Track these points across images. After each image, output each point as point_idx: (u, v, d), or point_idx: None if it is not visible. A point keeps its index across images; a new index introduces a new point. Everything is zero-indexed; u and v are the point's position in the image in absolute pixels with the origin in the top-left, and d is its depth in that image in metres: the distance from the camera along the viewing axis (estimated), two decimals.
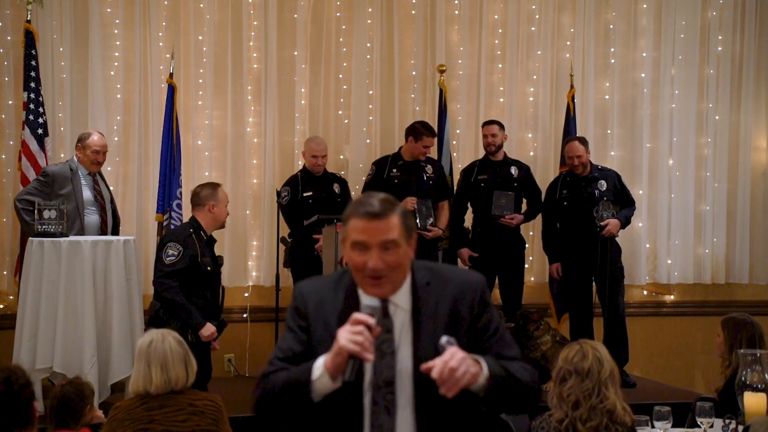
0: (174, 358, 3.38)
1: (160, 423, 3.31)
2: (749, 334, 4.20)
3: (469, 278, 2.34)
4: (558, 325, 7.00)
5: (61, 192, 5.77)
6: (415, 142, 6.54)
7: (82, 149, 5.89)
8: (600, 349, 3.10)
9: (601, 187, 6.58)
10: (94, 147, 5.88)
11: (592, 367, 3.02)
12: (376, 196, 2.27)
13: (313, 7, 7.11)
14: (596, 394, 3.00)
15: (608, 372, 3.04)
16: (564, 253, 6.65)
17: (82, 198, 5.84)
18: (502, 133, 6.74)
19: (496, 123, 6.75)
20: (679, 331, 7.66)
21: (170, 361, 3.37)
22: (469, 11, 7.35)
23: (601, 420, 2.98)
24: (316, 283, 2.39)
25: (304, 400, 2.18)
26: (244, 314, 6.93)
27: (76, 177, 5.86)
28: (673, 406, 3.59)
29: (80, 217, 5.82)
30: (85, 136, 5.94)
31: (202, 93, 6.91)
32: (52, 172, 5.84)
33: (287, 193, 6.50)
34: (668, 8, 7.61)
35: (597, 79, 7.52)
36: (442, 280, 2.30)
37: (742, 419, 3.41)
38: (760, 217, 7.81)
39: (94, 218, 5.89)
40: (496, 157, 6.75)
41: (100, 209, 5.94)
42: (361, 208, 2.24)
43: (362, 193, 2.25)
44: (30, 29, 6.29)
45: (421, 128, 6.56)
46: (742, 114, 7.76)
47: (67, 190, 5.80)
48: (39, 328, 5.28)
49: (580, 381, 3.01)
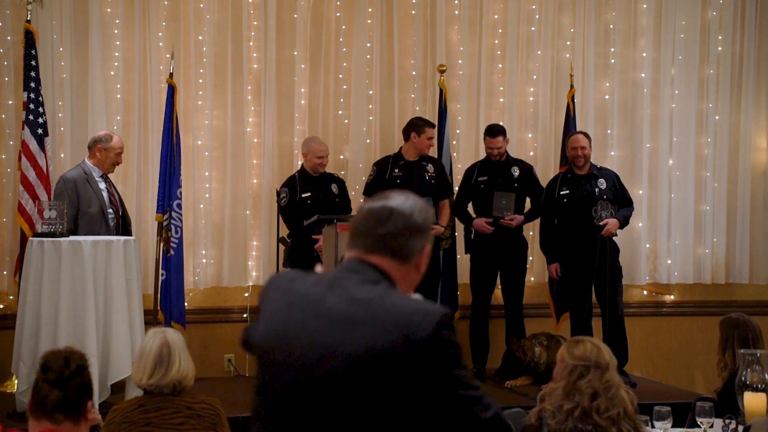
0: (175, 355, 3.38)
1: (157, 426, 3.30)
2: (742, 334, 4.20)
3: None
4: (558, 325, 7.00)
5: (83, 196, 5.80)
6: (419, 136, 6.56)
7: (104, 151, 5.93)
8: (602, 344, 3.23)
9: (601, 186, 6.59)
10: (117, 149, 5.98)
11: (611, 360, 3.13)
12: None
13: (313, 7, 7.11)
14: (615, 386, 3.08)
15: (615, 365, 3.18)
16: (563, 252, 6.66)
17: (104, 200, 5.88)
18: (506, 140, 6.74)
19: (500, 133, 6.69)
20: (679, 331, 7.66)
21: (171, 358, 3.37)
22: (469, 11, 7.35)
23: (618, 410, 3.05)
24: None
25: None
26: (244, 314, 6.93)
27: (92, 180, 5.89)
28: (673, 406, 3.60)
29: (105, 220, 5.86)
30: (106, 138, 5.97)
31: (202, 93, 6.91)
32: (71, 177, 5.87)
33: (286, 194, 6.50)
34: (668, 8, 7.61)
35: (597, 79, 7.52)
36: None
37: (742, 419, 3.41)
38: (760, 217, 7.80)
39: (113, 221, 5.94)
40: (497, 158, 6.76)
41: (115, 211, 5.97)
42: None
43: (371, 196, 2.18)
44: (30, 29, 6.29)
45: (420, 122, 6.61)
46: (742, 114, 7.76)
47: (89, 193, 5.83)
48: (39, 328, 5.28)
49: (601, 374, 3.08)
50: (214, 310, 6.95)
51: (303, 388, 1.91)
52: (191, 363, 3.46)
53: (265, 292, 2.09)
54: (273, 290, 2.07)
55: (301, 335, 1.93)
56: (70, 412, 2.53)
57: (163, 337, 3.43)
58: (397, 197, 2.03)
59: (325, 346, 1.89)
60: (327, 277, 2.01)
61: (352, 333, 1.88)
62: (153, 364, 3.37)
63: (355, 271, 1.98)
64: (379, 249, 1.99)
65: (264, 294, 2.09)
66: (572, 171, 6.68)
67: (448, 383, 1.88)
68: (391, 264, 1.99)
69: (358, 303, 1.91)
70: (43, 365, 2.56)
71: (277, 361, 1.96)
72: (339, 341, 1.88)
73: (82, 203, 5.84)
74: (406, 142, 6.68)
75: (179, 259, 6.43)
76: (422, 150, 6.63)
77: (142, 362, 3.41)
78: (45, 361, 2.57)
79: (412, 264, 2.01)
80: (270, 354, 1.99)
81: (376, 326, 1.87)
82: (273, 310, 2.02)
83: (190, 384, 3.44)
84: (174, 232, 6.37)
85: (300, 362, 1.92)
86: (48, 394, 2.52)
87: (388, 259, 1.99)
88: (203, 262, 6.87)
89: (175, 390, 3.39)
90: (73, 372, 2.53)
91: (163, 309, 6.37)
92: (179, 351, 3.41)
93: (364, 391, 1.85)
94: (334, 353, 1.88)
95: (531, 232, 7.31)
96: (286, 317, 1.98)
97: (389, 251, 1.99)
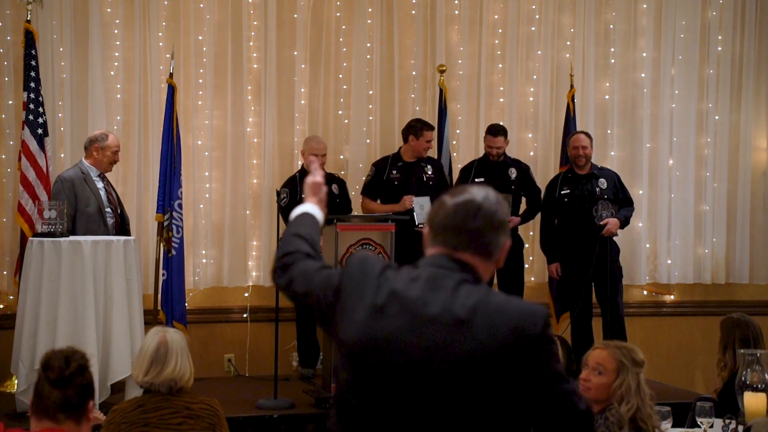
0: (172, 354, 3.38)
1: (156, 426, 3.31)
2: (742, 334, 4.20)
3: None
4: (558, 325, 7.00)
5: (81, 195, 5.80)
6: (417, 139, 6.57)
7: (101, 150, 5.92)
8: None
9: (602, 185, 6.60)
10: (113, 148, 5.98)
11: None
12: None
13: (313, 7, 7.11)
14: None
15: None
16: (563, 252, 6.66)
17: (102, 200, 5.87)
18: (507, 141, 6.75)
19: (502, 134, 6.71)
20: (679, 331, 7.66)
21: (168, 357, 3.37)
22: (469, 11, 7.35)
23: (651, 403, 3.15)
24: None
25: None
26: (244, 314, 6.93)
27: (89, 179, 5.88)
28: (673, 406, 3.59)
29: (104, 219, 5.86)
30: (102, 137, 5.96)
31: (202, 93, 6.91)
32: (69, 176, 5.86)
33: (286, 194, 6.50)
34: (668, 8, 7.61)
35: (597, 79, 7.52)
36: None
37: (742, 419, 3.41)
38: (760, 217, 7.80)
39: (111, 220, 5.93)
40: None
41: (113, 210, 5.97)
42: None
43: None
44: (30, 29, 6.28)
45: (418, 125, 6.62)
46: (742, 114, 7.76)
47: (87, 193, 5.82)
48: (39, 328, 5.27)
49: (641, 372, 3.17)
50: (214, 310, 6.95)
51: (415, 386, 1.96)
52: (190, 364, 3.45)
53: (351, 279, 2.10)
54: (361, 280, 2.09)
55: (409, 338, 1.98)
56: (71, 413, 2.52)
57: (162, 335, 3.44)
58: (479, 192, 2.08)
59: (437, 348, 1.95)
60: (422, 276, 2.04)
61: (465, 334, 1.94)
62: (149, 361, 3.38)
63: (449, 269, 2.03)
64: (468, 246, 2.05)
65: (348, 279, 2.11)
66: (573, 171, 6.69)
67: (552, 377, 1.99)
68: (478, 260, 2.06)
69: (465, 305, 1.97)
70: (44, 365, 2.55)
71: (380, 363, 2.00)
72: (451, 342, 1.95)
73: (80, 203, 5.83)
74: (405, 144, 6.69)
75: (180, 259, 6.43)
76: (420, 152, 6.64)
77: (139, 359, 3.44)
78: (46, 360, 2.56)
79: (494, 260, 2.09)
80: (369, 355, 2.02)
81: (488, 327, 1.95)
82: (369, 308, 2.04)
83: (189, 384, 3.44)
84: (175, 232, 6.36)
85: (410, 363, 1.97)
86: (49, 395, 2.51)
87: (475, 256, 2.05)
88: (203, 262, 6.86)
89: (172, 389, 3.39)
90: (73, 372, 2.52)
91: (164, 309, 6.36)
92: (177, 351, 3.41)
93: (478, 388, 1.94)
94: (447, 354, 1.94)
95: (531, 232, 7.31)
96: (389, 320, 2.01)
97: (477, 248, 2.05)
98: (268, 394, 5.77)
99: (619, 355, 3.16)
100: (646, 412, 3.08)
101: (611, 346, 3.22)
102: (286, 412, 5.61)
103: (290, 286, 2.22)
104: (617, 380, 3.12)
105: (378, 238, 5.96)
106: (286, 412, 5.61)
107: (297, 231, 2.31)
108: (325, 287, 2.13)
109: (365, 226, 6.06)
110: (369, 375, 2.02)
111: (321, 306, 2.13)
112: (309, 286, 2.17)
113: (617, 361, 3.15)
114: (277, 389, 5.73)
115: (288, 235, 2.32)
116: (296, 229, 2.32)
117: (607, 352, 3.19)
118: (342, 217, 5.95)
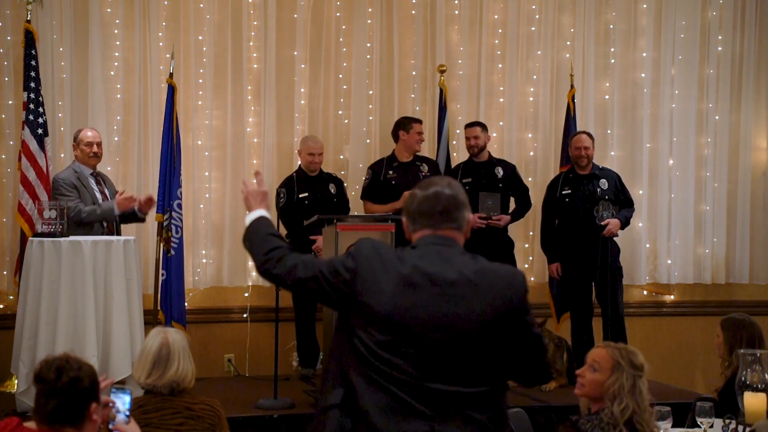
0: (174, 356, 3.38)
1: (156, 426, 3.30)
2: (749, 334, 4.20)
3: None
4: (558, 325, 7.00)
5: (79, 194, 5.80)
6: (408, 133, 6.64)
7: (77, 147, 5.93)
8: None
9: (603, 186, 6.60)
10: (86, 140, 5.90)
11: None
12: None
13: (313, 7, 7.11)
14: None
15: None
16: (563, 252, 6.65)
17: (97, 199, 5.87)
18: (485, 134, 6.76)
19: (478, 125, 6.77)
20: (679, 331, 7.66)
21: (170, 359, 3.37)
22: (469, 11, 7.35)
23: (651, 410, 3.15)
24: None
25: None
26: (244, 314, 6.93)
27: (83, 178, 5.88)
28: (673, 406, 3.59)
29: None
30: (77, 133, 5.98)
31: (202, 93, 6.91)
32: (63, 177, 5.86)
33: (283, 195, 6.50)
34: (668, 8, 7.61)
35: (597, 79, 7.52)
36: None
37: (742, 419, 3.41)
38: (760, 217, 7.80)
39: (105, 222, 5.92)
40: (479, 158, 6.77)
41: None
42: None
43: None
44: (30, 29, 6.28)
45: (405, 120, 6.74)
46: (742, 114, 7.76)
47: (82, 192, 5.82)
48: (39, 328, 5.27)
49: (643, 375, 3.17)
50: (214, 310, 6.95)
51: (446, 341, 2.45)
52: (191, 364, 3.45)
53: (366, 259, 2.51)
54: (378, 259, 2.51)
55: (437, 300, 2.46)
56: (70, 421, 2.51)
57: (164, 337, 3.43)
58: (440, 181, 2.61)
59: (465, 309, 2.46)
60: (430, 252, 2.52)
61: (477, 294, 2.48)
62: (151, 363, 3.37)
63: (443, 245, 2.55)
64: (443, 223, 2.56)
65: (365, 259, 2.51)
66: (574, 171, 6.69)
67: (531, 322, 2.57)
68: (456, 233, 2.58)
69: (473, 270, 2.51)
70: (36, 376, 2.53)
71: (417, 323, 2.44)
72: (471, 306, 2.47)
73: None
74: (398, 143, 6.71)
75: (180, 259, 6.43)
76: (413, 146, 6.66)
77: (141, 361, 3.42)
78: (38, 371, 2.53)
79: (464, 231, 2.61)
80: (404, 317, 2.45)
81: (493, 291, 2.49)
82: (397, 279, 2.47)
83: (190, 385, 3.44)
84: (174, 232, 6.37)
85: (440, 324, 2.44)
86: (45, 405, 2.50)
87: (453, 230, 2.58)
88: (203, 262, 6.87)
89: (174, 391, 3.39)
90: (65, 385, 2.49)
91: (163, 309, 6.36)
92: (179, 352, 3.41)
93: (487, 339, 2.47)
94: (469, 316, 2.46)
95: (531, 232, 7.31)
96: (418, 289, 2.46)
97: (451, 223, 2.57)
98: (268, 394, 5.77)
99: (617, 355, 3.16)
100: (644, 417, 3.08)
101: (612, 347, 3.22)
102: (286, 412, 5.61)
103: (292, 273, 2.56)
104: (610, 378, 3.12)
105: (378, 237, 5.95)
106: (286, 412, 5.61)
107: (269, 231, 2.71)
108: (337, 269, 2.51)
109: (365, 226, 6.06)
110: (406, 333, 2.43)
111: (332, 286, 2.51)
112: (314, 271, 2.54)
113: (614, 360, 3.15)
114: (277, 389, 5.73)
115: (262, 235, 2.69)
116: (267, 230, 2.71)
117: (606, 351, 3.19)
118: (342, 217, 5.95)
